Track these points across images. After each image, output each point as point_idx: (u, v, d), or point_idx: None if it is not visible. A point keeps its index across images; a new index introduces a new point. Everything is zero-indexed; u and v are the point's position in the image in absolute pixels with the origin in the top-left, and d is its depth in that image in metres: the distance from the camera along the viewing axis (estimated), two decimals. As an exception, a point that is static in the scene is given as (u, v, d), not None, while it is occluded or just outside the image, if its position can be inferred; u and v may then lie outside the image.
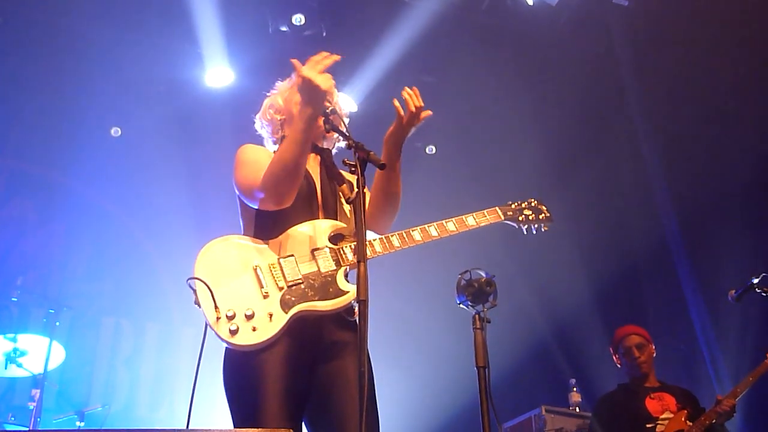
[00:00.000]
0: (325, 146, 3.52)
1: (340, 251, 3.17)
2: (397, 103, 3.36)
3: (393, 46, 7.55)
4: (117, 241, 7.95)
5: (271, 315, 2.98)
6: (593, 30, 7.72)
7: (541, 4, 7.41)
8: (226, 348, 3.04)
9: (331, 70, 3.23)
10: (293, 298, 3.04)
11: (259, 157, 3.26)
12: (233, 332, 2.94)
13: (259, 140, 3.60)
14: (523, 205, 3.65)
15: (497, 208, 3.55)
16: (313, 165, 3.41)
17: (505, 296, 3.36)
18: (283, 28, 7.47)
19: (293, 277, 3.08)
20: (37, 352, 6.40)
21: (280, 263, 3.11)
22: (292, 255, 3.13)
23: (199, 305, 3.01)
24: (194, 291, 3.01)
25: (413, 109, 3.35)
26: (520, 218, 3.59)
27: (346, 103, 7.72)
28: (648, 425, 5.27)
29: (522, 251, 7.95)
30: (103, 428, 6.66)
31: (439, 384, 7.98)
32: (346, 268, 3.15)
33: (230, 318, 2.95)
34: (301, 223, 3.21)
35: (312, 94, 3.10)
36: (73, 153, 7.70)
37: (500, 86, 8.05)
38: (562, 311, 8.41)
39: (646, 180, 8.28)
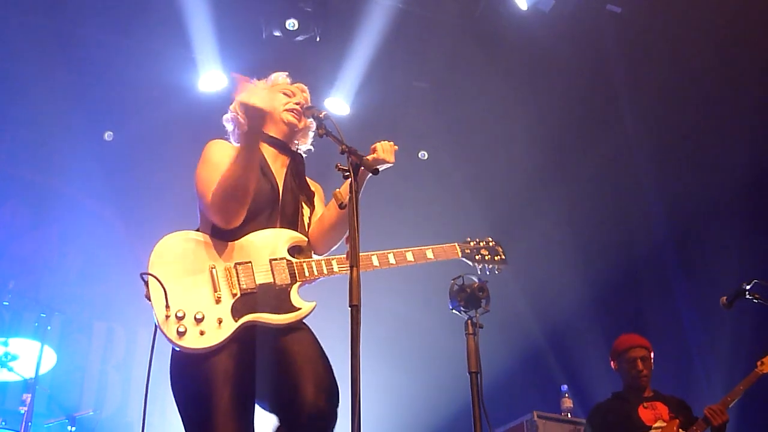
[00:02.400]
0: (301, 150, 3.53)
1: (297, 265, 3.15)
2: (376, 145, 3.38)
3: (386, 51, 7.56)
4: (109, 246, 7.93)
5: (220, 321, 2.96)
6: (586, 37, 7.73)
7: (534, 11, 7.42)
8: (173, 350, 3.03)
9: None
10: (245, 307, 3.01)
11: (222, 160, 3.20)
12: (181, 334, 2.92)
13: None
14: (481, 244, 3.62)
15: (456, 244, 3.54)
16: (279, 168, 3.40)
17: (498, 302, 3.37)
18: (277, 33, 7.46)
19: (248, 285, 3.06)
20: (28, 357, 6.38)
21: (236, 268, 3.08)
22: (250, 262, 3.11)
23: (149, 300, 2.97)
24: (146, 284, 2.98)
25: (381, 157, 3.35)
26: (477, 257, 3.57)
27: (339, 107, 7.79)
28: None
29: (515, 257, 7.94)
30: (94, 433, 6.65)
31: (431, 389, 7.98)
32: (300, 284, 3.14)
33: (179, 318, 2.93)
34: (261, 228, 3.19)
35: (249, 115, 3.12)
36: (66, 157, 7.69)
37: (493, 92, 8.06)
38: (554, 317, 8.42)
39: (639, 187, 8.29)
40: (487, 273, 3.57)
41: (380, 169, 3.01)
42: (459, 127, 8.40)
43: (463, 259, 3.54)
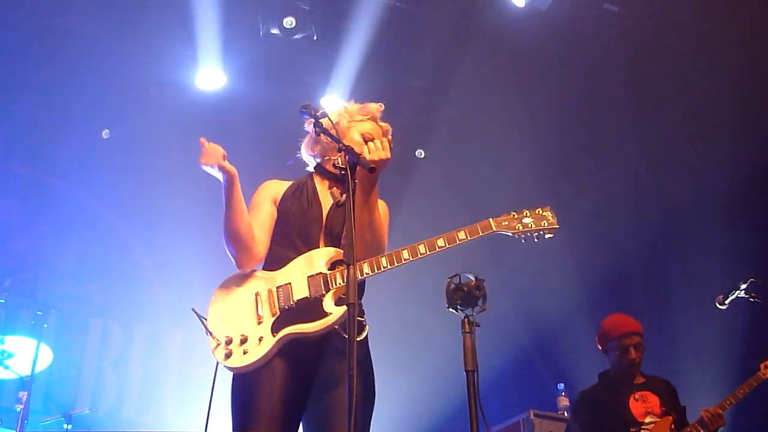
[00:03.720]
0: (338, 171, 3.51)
1: (332, 276, 3.22)
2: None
3: (383, 49, 7.56)
4: (105, 243, 7.93)
5: (261, 339, 3.13)
6: (583, 35, 7.74)
7: (531, 9, 7.43)
8: (233, 374, 3.20)
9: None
10: (282, 323, 3.16)
11: (254, 201, 3.52)
12: (227, 356, 3.13)
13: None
14: (525, 213, 3.51)
15: (490, 219, 3.43)
16: (325, 191, 3.49)
17: (495, 300, 3.36)
18: (274, 31, 7.46)
19: (287, 303, 3.19)
20: (24, 354, 6.37)
21: (277, 290, 3.23)
22: (290, 283, 3.24)
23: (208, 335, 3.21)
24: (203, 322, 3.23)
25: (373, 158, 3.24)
26: (518, 227, 3.46)
27: (336, 105, 7.78)
28: (632, 429, 5.17)
29: (511, 255, 7.97)
30: (90, 431, 6.63)
31: (427, 388, 7.98)
32: (334, 291, 3.19)
33: (227, 343, 3.14)
34: (305, 252, 3.32)
35: (214, 170, 3.34)
36: (63, 154, 7.68)
37: (490, 90, 8.06)
38: (551, 315, 8.42)
39: (634, 185, 8.31)
40: (535, 240, 3.51)
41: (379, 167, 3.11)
42: (456, 125, 8.40)
43: (502, 231, 3.44)
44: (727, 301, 5.31)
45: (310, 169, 3.64)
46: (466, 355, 3.15)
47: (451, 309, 3.26)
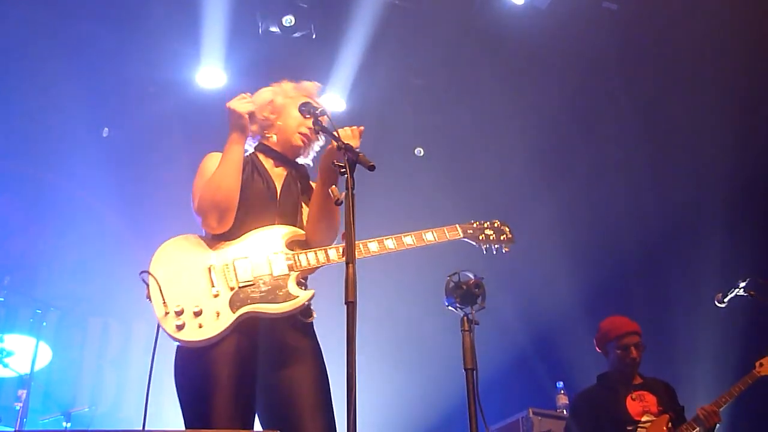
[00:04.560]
0: (300, 161, 3.58)
1: (295, 256, 3.20)
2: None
3: (382, 47, 7.56)
4: (105, 242, 7.92)
5: (218, 313, 3.02)
6: (583, 34, 7.74)
7: (531, 8, 7.43)
8: (177, 347, 3.11)
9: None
10: (242, 299, 3.07)
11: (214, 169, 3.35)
12: (179, 327, 2.99)
13: None
14: (485, 225, 3.65)
15: (457, 225, 3.56)
16: (279, 173, 3.47)
17: (494, 298, 3.36)
18: (273, 29, 7.46)
19: (245, 278, 3.12)
20: (23, 353, 6.38)
21: (234, 264, 3.15)
22: (247, 257, 3.17)
23: (149, 299, 3.06)
24: (147, 285, 3.07)
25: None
26: (481, 237, 3.60)
27: (335, 102, 7.78)
28: (628, 428, 5.17)
29: (510, 253, 7.96)
30: (89, 429, 6.64)
31: (427, 386, 7.98)
32: (298, 273, 3.18)
33: (178, 314, 3.00)
34: (258, 227, 3.26)
35: (231, 119, 3.34)
36: (62, 152, 7.68)
37: (489, 88, 8.06)
38: (549, 314, 8.42)
39: (633, 183, 8.31)
40: (494, 252, 3.59)
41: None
42: (455, 123, 8.39)
43: (466, 239, 3.55)
44: (726, 300, 5.32)
45: (250, 149, 3.57)
46: (465, 354, 3.16)
47: (450, 307, 3.27)
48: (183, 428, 3.01)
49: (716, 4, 7.00)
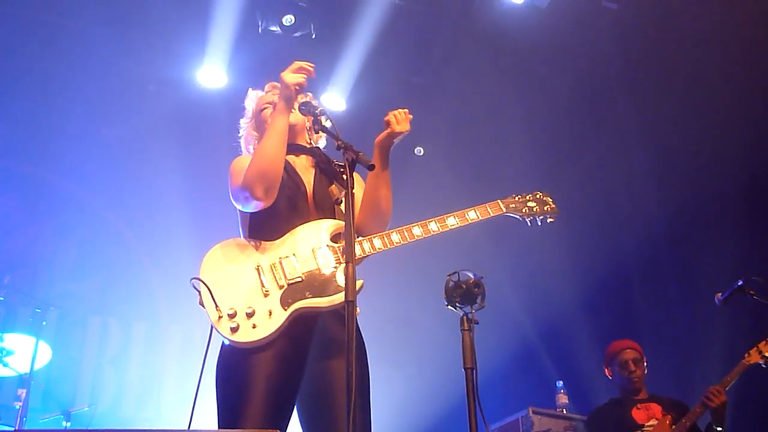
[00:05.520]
0: (316, 145, 3.60)
1: (339, 249, 3.22)
2: (390, 116, 3.52)
3: (382, 47, 7.56)
4: (104, 240, 7.93)
5: (270, 312, 3.06)
6: (582, 33, 7.74)
7: (530, 7, 7.43)
8: (221, 347, 3.11)
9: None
10: (293, 296, 3.10)
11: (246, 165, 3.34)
12: (234, 330, 3.01)
13: None
14: (528, 197, 3.70)
15: (499, 200, 3.62)
16: (305, 168, 3.48)
17: (493, 297, 3.36)
18: (273, 28, 7.46)
19: (293, 276, 3.15)
20: (23, 352, 6.38)
21: (281, 262, 3.18)
22: (293, 254, 3.20)
23: (202, 305, 3.09)
24: (198, 292, 3.11)
25: (396, 130, 3.51)
26: (524, 210, 3.64)
27: (335, 102, 7.78)
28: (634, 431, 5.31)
29: (510, 252, 7.97)
30: (89, 428, 6.64)
31: (426, 385, 7.99)
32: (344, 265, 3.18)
33: (231, 316, 3.03)
34: (298, 225, 3.28)
35: (281, 88, 3.35)
36: (62, 151, 7.68)
37: (489, 88, 8.06)
38: (549, 313, 8.43)
39: (634, 183, 8.30)
40: (539, 224, 3.62)
41: (395, 141, 3.44)
42: (455, 123, 8.39)
43: (509, 214, 3.59)
44: (725, 298, 5.32)
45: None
46: (465, 353, 3.16)
47: (450, 306, 3.26)
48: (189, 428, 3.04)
49: (716, 4, 7.00)
